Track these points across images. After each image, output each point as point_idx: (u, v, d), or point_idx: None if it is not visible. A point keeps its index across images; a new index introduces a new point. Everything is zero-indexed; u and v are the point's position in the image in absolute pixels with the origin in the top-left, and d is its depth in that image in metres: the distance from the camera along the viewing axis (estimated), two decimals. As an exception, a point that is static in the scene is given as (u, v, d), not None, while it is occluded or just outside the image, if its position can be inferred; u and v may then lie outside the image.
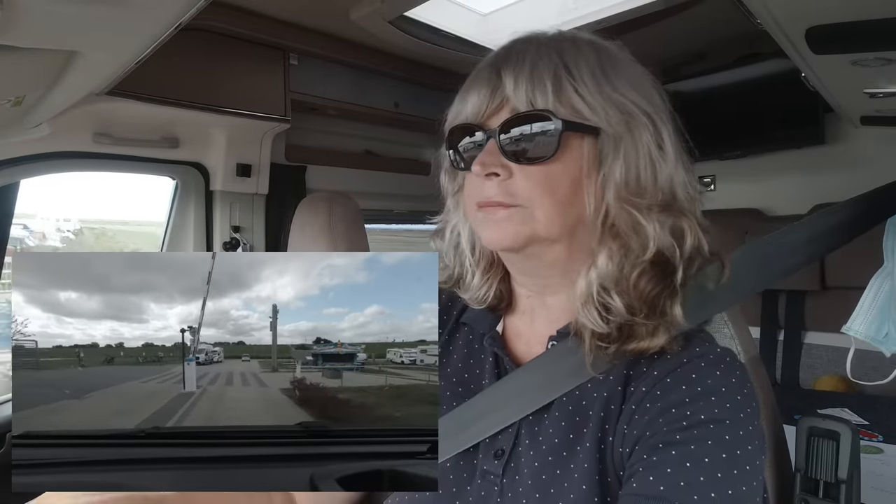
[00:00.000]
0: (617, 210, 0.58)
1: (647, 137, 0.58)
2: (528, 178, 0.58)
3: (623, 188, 0.57)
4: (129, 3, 0.63)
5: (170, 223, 1.73)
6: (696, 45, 1.99)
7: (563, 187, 0.58)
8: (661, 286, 0.58)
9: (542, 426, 0.61)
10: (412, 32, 1.61)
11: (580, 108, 0.56)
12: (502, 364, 0.68)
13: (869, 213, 0.87)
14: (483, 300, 0.70)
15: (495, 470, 0.60)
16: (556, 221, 0.58)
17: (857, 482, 0.78)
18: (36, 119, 1.17)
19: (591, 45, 0.60)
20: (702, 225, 0.60)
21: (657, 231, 0.57)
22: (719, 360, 0.57)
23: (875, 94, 1.13)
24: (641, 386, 0.56)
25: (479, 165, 0.58)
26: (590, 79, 0.57)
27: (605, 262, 0.58)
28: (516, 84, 0.57)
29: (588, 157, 0.58)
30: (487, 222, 0.60)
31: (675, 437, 0.51)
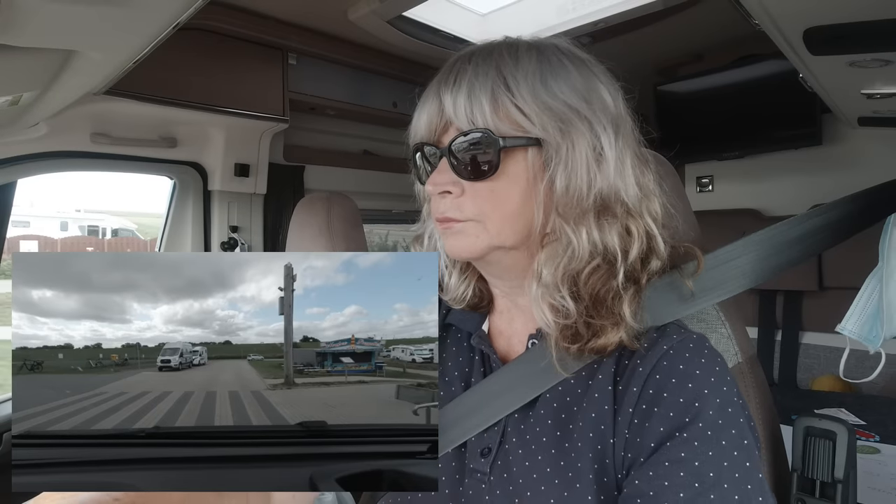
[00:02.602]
0: (554, 217, 0.59)
1: (585, 144, 0.58)
2: (476, 194, 0.60)
3: (564, 194, 0.58)
4: (127, 3, 0.63)
5: (168, 223, 1.72)
6: (694, 45, 1.99)
7: (511, 199, 0.59)
8: (610, 287, 0.59)
9: (528, 424, 0.62)
10: (410, 32, 1.61)
11: (519, 120, 0.57)
12: (488, 363, 0.69)
13: (865, 212, 0.87)
14: (462, 299, 0.72)
15: (482, 468, 0.61)
16: (507, 232, 0.60)
17: (854, 482, 0.78)
18: (33, 118, 1.17)
19: (532, 51, 0.60)
20: (660, 222, 0.62)
21: (592, 235, 0.58)
22: (699, 346, 0.59)
23: (872, 94, 1.13)
24: (632, 385, 0.57)
25: (431, 185, 0.61)
26: (527, 90, 0.58)
27: (541, 267, 0.60)
28: (455, 105, 0.58)
29: (533, 167, 0.59)
30: (446, 235, 0.62)
31: (679, 453, 0.52)
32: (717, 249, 0.73)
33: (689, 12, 1.56)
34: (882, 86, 1.07)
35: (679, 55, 2.09)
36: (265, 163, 1.77)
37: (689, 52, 2.07)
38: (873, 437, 1.34)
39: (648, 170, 0.63)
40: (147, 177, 1.69)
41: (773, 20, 0.82)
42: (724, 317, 0.78)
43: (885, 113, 1.34)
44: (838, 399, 1.64)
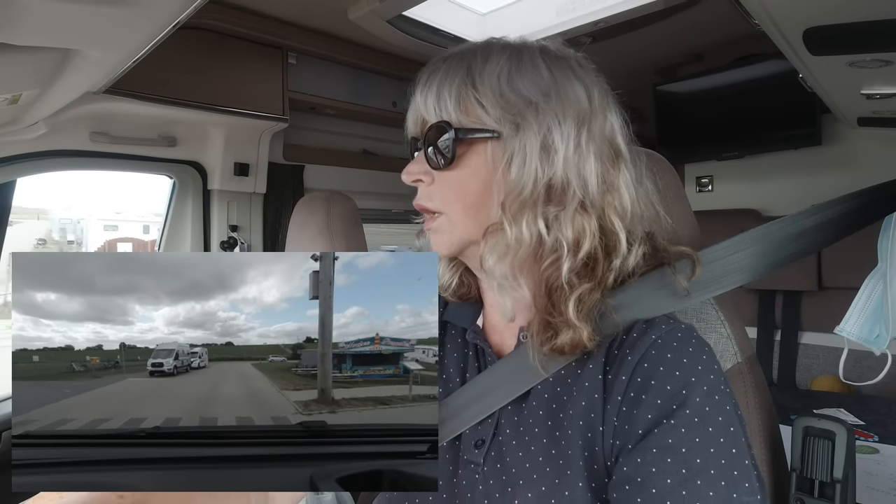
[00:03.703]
0: (498, 206, 0.60)
1: (532, 135, 0.59)
2: (443, 184, 0.63)
3: (512, 185, 0.59)
4: (127, 2, 0.63)
5: (167, 222, 1.72)
6: (694, 45, 1.99)
7: (472, 191, 0.62)
8: (560, 283, 0.59)
9: (522, 416, 0.63)
10: (410, 32, 1.61)
11: (479, 114, 0.60)
12: (483, 357, 0.70)
13: (864, 210, 0.87)
14: (447, 287, 0.74)
15: (476, 459, 0.63)
16: (469, 224, 0.62)
17: (853, 482, 0.78)
18: (32, 117, 1.16)
19: (505, 52, 0.62)
20: (627, 220, 0.62)
21: (537, 225, 0.59)
22: (687, 336, 0.59)
23: (872, 95, 1.13)
24: (621, 374, 0.58)
25: (405, 174, 0.65)
26: (490, 86, 0.60)
27: (491, 254, 0.60)
28: (425, 102, 0.63)
29: (493, 160, 0.60)
30: (429, 234, 0.65)
31: (666, 440, 0.53)
32: (711, 245, 0.73)
33: (688, 12, 1.56)
34: (882, 86, 1.07)
35: (679, 55, 2.08)
36: (265, 162, 1.77)
37: (688, 52, 2.07)
38: (872, 437, 1.34)
39: (623, 167, 0.63)
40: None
41: (773, 20, 0.82)
42: (723, 317, 0.78)
43: (884, 113, 1.34)
44: (837, 399, 1.64)
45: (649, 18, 1.53)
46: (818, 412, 1.16)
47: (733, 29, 1.70)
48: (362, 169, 2.06)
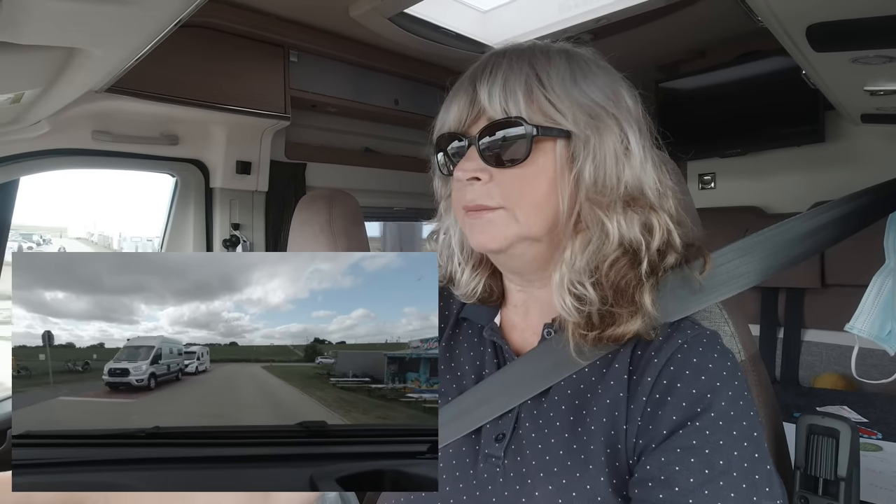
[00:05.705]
0: (584, 207, 0.62)
1: (613, 138, 0.61)
2: (506, 180, 0.62)
3: (591, 186, 0.61)
4: (129, 0, 0.63)
5: (169, 221, 1.73)
6: (697, 42, 1.98)
7: (539, 188, 0.62)
8: (631, 276, 0.62)
9: (542, 410, 0.65)
10: (412, 29, 1.60)
11: (551, 113, 0.61)
12: (501, 354, 0.72)
13: (869, 209, 0.87)
14: (472, 294, 0.75)
15: (497, 452, 0.64)
16: (535, 220, 0.62)
17: (857, 479, 0.78)
18: (35, 116, 1.17)
19: (562, 54, 0.64)
20: (675, 219, 0.64)
21: (621, 226, 0.61)
22: (712, 342, 0.61)
23: (876, 91, 1.12)
24: (647, 376, 0.60)
25: (460, 171, 0.63)
26: (559, 86, 0.61)
27: (575, 255, 0.62)
28: (490, 95, 0.61)
29: (560, 158, 0.62)
30: (475, 227, 0.64)
31: (691, 441, 0.54)
32: (723, 248, 0.75)
33: (691, 9, 1.56)
34: (885, 82, 1.06)
35: (681, 52, 2.08)
36: (267, 160, 1.77)
37: (691, 49, 2.07)
38: (876, 434, 1.33)
39: (665, 169, 0.66)
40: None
41: (776, 16, 0.82)
42: (727, 314, 0.78)
43: (888, 110, 1.33)
44: (840, 396, 1.64)
45: (652, 15, 1.52)
46: (821, 410, 1.17)
47: (736, 25, 1.69)
48: (364, 167, 2.06)
